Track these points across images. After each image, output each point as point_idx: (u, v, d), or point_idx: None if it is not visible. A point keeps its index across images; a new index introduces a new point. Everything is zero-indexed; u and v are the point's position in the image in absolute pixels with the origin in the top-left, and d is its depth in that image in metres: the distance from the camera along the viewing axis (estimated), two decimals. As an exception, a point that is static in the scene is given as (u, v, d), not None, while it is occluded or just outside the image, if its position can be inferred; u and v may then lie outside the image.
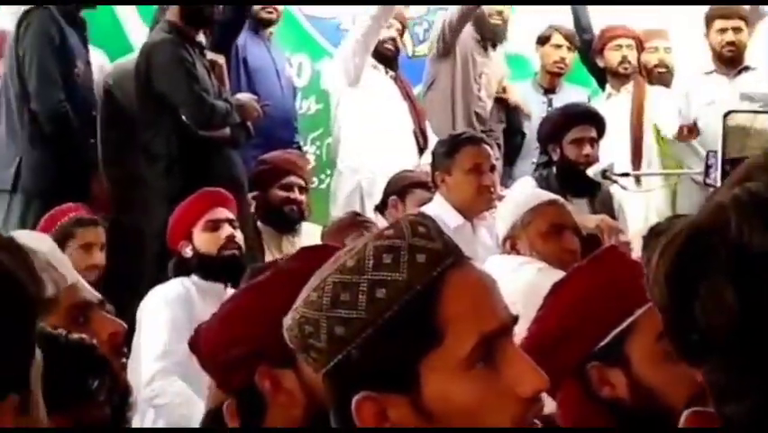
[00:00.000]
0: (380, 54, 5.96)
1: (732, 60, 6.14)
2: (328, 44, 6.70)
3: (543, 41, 6.65)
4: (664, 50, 6.60)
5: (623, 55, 6.46)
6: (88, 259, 4.34)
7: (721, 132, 4.33)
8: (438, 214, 4.28)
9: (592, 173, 4.99)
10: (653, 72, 6.53)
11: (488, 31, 6.36)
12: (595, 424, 1.79)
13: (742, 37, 6.14)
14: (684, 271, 0.93)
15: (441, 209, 4.41)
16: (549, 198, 3.80)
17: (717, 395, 0.95)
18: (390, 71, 6.06)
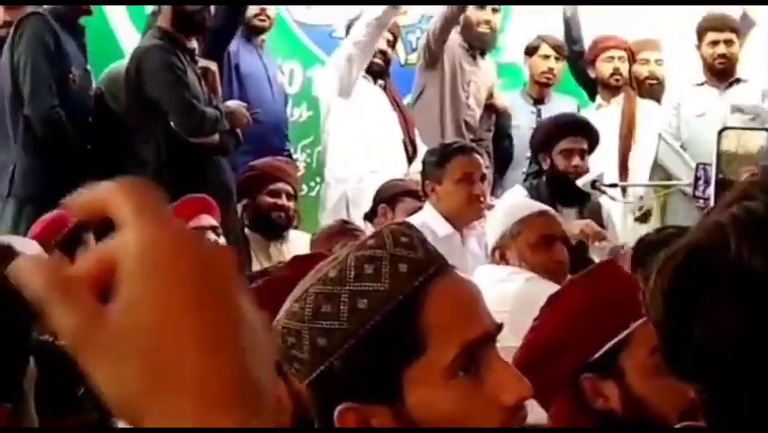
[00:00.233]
0: (370, 66, 5.93)
1: (723, 73, 6.14)
2: (320, 51, 6.69)
3: (531, 52, 6.63)
4: (655, 61, 6.60)
5: (615, 67, 6.46)
6: None
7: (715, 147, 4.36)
8: (428, 223, 4.28)
9: (581, 183, 5.01)
10: (643, 84, 6.53)
11: (475, 39, 6.34)
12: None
13: (734, 50, 6.14)
14: (683, 288, 0.93)
15: (430, 218, 4.40)
16: (539, 209, 3.80)
17: (709, 411, 0.95)
18: (380, 80, 6.05)
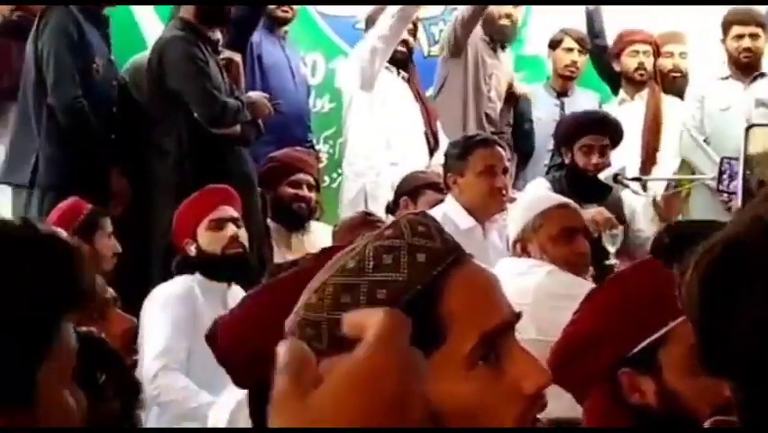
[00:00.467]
0: (393, 55, 5.93)
1: (748, 67, 6.11)
2: (343, 43, 6.69)
3: (554, 45, 6.64)
4: (680, 54, 6.58)
5: (639, 61, 6.44)
6: (114, 247, 4.38)
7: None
8: (449, 215, 4.29)
9: (604, 177, 5.00)
10: (667, 77, 6.52)
11: (496, 32, 6.34)
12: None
13: (759, 43, 6.11)
14: (720, 281, 0.92)
15: (452, 211, 4.40)
16: (560, 202, 3.79)
17: (744, 409, 0.94)
18: (403, 72, 6.05)
